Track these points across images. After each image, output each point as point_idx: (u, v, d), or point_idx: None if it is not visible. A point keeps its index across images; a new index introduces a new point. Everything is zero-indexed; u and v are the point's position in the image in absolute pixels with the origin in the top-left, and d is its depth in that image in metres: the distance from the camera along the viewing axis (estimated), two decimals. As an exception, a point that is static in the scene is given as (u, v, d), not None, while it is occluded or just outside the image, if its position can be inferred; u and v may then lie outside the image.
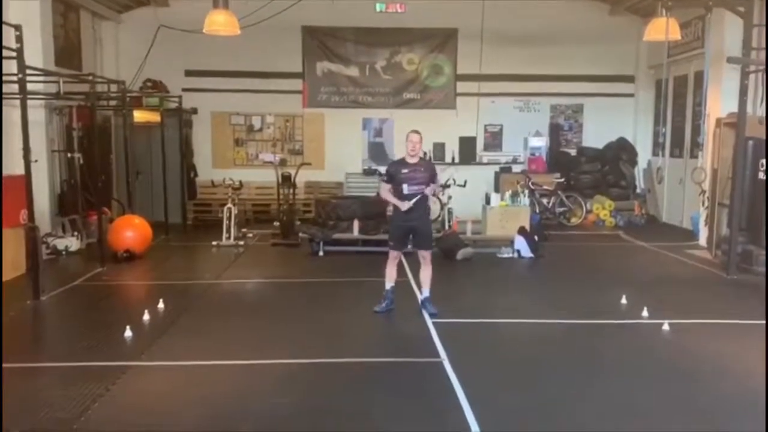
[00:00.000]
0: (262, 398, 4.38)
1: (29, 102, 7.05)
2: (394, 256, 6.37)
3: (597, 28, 13.17)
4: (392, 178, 6.20)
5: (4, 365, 4.71)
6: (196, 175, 12.94)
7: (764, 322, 5.82)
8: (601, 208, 12.71)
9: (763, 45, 8.10)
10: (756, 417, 4.05)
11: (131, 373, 4.79)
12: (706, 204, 9.55)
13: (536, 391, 4.55)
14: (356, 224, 9.65)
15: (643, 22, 12.00)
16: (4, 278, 7.32)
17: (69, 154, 9.95)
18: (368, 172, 13.39)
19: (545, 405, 4.30)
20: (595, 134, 13.85)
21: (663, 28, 9.07)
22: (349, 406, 4.26)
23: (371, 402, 4.34)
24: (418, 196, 6.11)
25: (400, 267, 6.65)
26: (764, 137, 7.91)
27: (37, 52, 8.77)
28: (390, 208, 6.74)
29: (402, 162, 6.30)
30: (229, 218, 10.35)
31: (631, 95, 13.86)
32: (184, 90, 12.66)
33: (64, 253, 9.20)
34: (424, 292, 6.40)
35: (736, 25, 8.51)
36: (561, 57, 13.31)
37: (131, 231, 9.12)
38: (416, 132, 6.28)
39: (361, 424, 3.99)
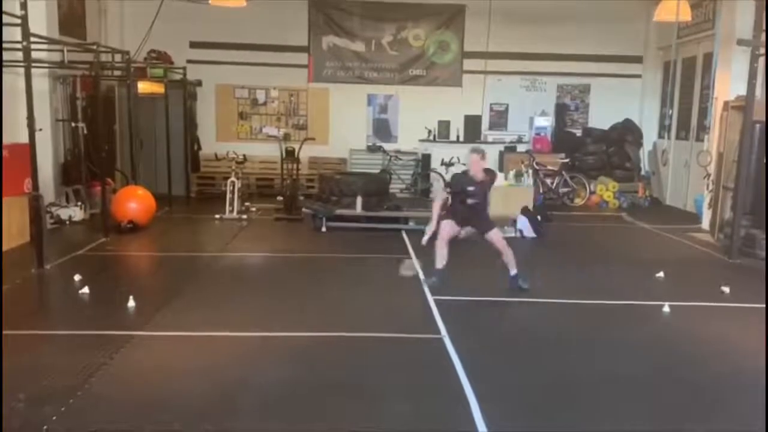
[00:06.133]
0: (264, 370, 4.42)
1: (33, 70, 7.01)
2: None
3: (606, 7, 12.98)
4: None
5: (9, 332, 4.77)
6: (199, 147, 12.92)
7: (764, 305, 5.84)
8: (605, 190, 12.69)
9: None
10: (754, 397, 4.08)
11: (134, 343, 4.83)
12: (711, 187, 9.52)
13: (536, 368, 4.59)
14: (359, 200, 9.65)
15: (654, 2, 11.85)
16: (9, 246, 7.37)
17: (73, 124, 9.93)
18: (372, 149, 13.35)
19: (544, 382, 4.34)
20: (601, 115, 13.78)
21: (673, 9, 8.98)
22: (349, 380, 4.30)
23: (371, 376, 4.37)
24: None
25: (398, 242, 6.66)
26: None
27: (41, 19, 8.69)
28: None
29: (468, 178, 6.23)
30: (233, 192, 10.35)
31: (639, 76, 13.76)
32: (189, 62, 12.58)
33: (67, 222, 9.23)
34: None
35: (747, 7, 8.41)
36: (569, 36, 13.19)
37: (135, 202, 9.13)
38: (475, 152, 6.26)
39: (360, 398, 4.03)
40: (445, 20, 13.49)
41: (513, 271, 6.31)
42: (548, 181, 12.56)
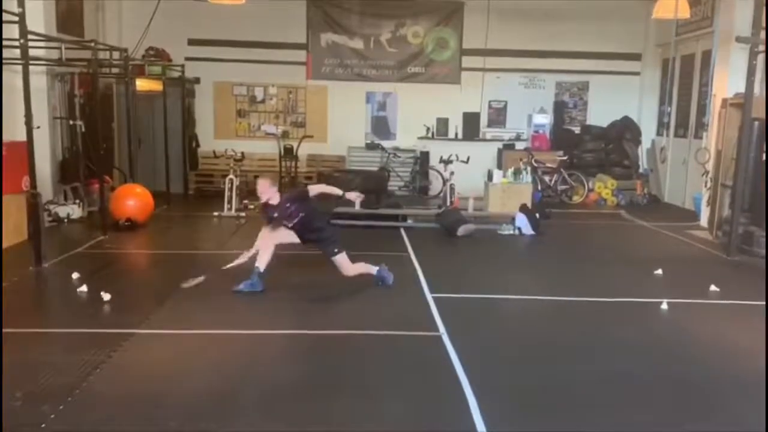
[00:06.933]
0: (263, 368, 4.42)
1: (31, 68, 7.00)
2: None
3: (605, 4, 12.97)
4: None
5: (7, 330, 4.76)
6: (197, 145, 12.90)
7: (763, 303, 5.84)
8: (603, 187, 12.69)
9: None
10: (753, 395, 4.09)
11: (133, 341, 4.82)
12: (709, 185, 9.52)
13: (535, 366, 4.58)
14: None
15: (652, -1, 11.86)
16: (7, 244, 7.36)
17: (71, 122, 9.91)
18: (371, 146, 13.34)
19: (543, 381, 4.33)
20: (600, 112, 13.77)
21: (672, 6, 8.95)
22: (347, 379, 4.29)
23: (369, 374, 4.37)
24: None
25: (396, 240, 6.66)
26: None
27: (39, 17, 8.69)
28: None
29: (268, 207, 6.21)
30: (231, 189, 10.34)
31: (638, 73, 13.75)
32: (187, 59, 12.54)
33: (65, 220, 9.23)
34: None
35: (746, 4, 8.40)
36: (567, 33, 13.18)
37: (133, 200, 9.12)
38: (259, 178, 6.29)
39: (359, 396, 4.02)
40: (443, 17, 13.47)
41: (374, 270, 6.32)
42: (547, 178, 12.56)
